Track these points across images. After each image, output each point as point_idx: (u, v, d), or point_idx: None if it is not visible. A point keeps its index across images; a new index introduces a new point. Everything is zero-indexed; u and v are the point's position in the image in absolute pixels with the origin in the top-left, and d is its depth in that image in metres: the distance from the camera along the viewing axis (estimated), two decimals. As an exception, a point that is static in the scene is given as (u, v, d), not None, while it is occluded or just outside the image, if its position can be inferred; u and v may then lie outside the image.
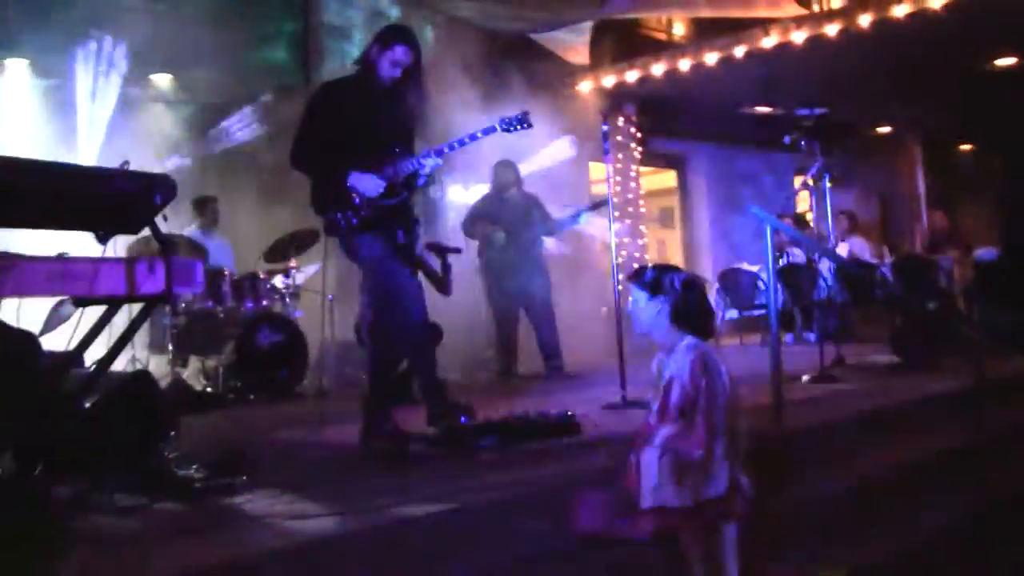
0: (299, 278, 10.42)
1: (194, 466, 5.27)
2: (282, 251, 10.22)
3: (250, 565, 3.75)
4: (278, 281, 10.23)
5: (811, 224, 12.39)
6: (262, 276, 10.09)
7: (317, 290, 10.73)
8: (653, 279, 4.69)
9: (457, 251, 9.57)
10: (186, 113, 11.95)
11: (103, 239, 5.22)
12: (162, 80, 11.89)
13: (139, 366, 9.05)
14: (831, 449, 6.22)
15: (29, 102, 10.81)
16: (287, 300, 10.29)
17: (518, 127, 6.39)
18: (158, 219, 5.14)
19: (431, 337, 6.37)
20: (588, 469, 5.16)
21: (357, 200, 6.11)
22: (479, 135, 6.33)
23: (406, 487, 4.92)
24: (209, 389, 9.66)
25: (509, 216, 10.22)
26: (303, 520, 4.32)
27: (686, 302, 4.63)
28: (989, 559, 5.27)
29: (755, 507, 4.48)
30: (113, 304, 5.24)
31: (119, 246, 5.98)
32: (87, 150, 10.69)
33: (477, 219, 10.41)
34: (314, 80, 12.44)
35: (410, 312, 6.11)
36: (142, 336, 9.38)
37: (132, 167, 5.05)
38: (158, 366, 9.39)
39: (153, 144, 11.20)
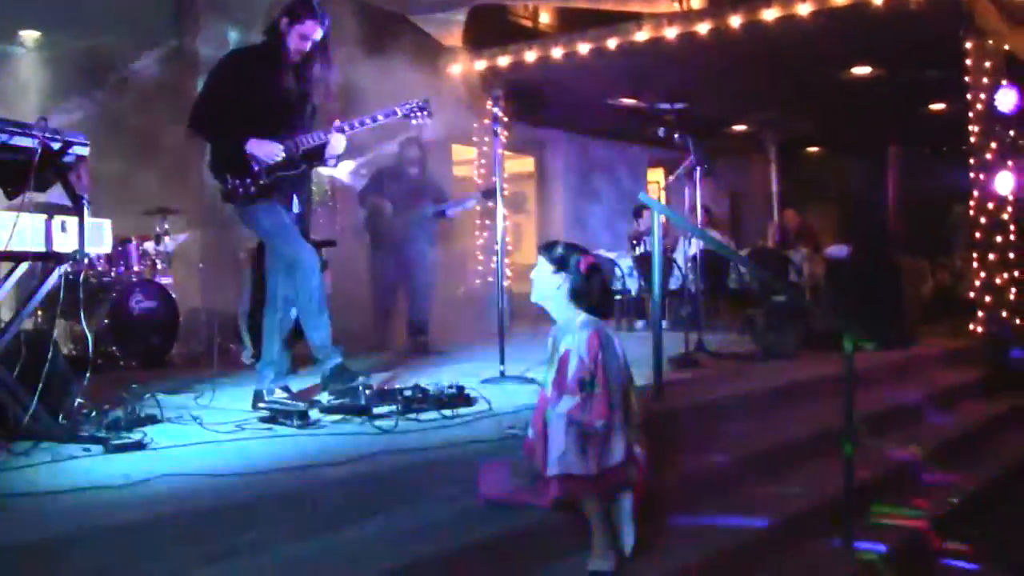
0: (170, 245, 10.33)
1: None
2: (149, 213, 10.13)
3: (162, 522, 3.85)
4: (149, 247, 10.14)
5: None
6: (134, 241, 9.98)
7: (189, 258, 10.75)
8: (560, 256, 4.90)
9: (332, 244, 9.67)
10: (55, 73, 11.72)
11: (13, 195, 5.22)
12: (30, 37, 11.63)
13: None
14: (706, 427, 6.52)
15: None
16: (158, 266, 10.20)
17: (418, 114, 6.54)
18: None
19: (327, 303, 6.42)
20: (485, 438, 5.31)
21: (256, 167, 6.17)
22: (380, 118, 6.45)
23: (307, 450, 5.03)
24: (75, 353, 9.52)
25: (402, 192, 10.28)
26: (214, 478, 4.41)
27: (588, 283, 4.84)
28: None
29: (648, 476, 4.71)
30: (22, 261, 5.24)
31: None
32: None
33: (371, 191, 10.46)
34: (186, 44, 12.33)
35: (307, 279, 6.20)
36: (8, 299, 9.23)
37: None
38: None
39: (16, 105, 10.94)
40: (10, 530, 3.62)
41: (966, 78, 11.65)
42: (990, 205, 11.50)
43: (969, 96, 11.64)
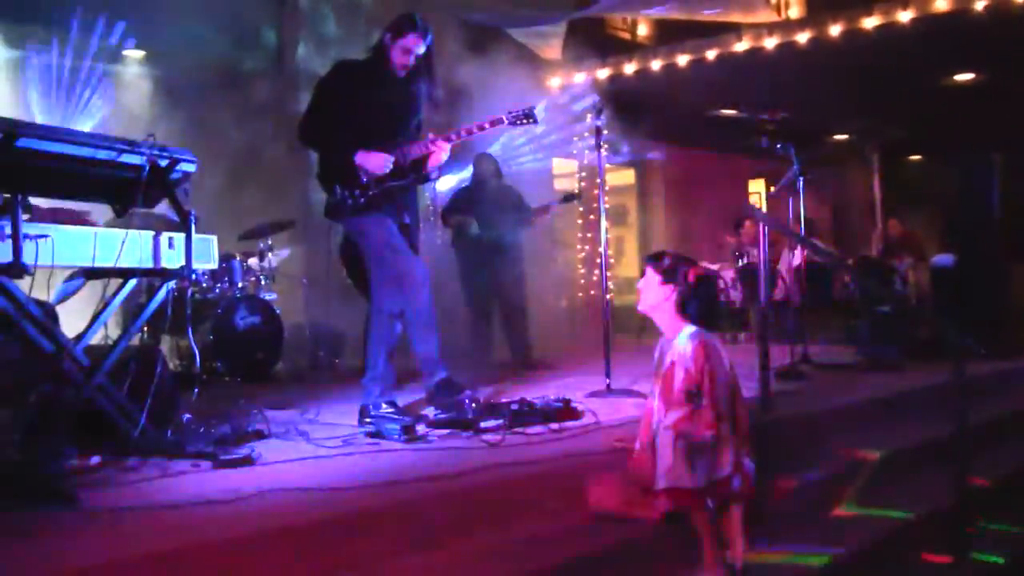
0: (273, 261, 10.41)
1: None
2: (258, 234, 10.21)
3: (277, 536, 3.85)
4: (253, 263, 10.22)
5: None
6: (238, 257, 10.07)
7: (291, 274, 10.81)
8: (669, 266, 4.86)
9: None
10: (160, 91, 11.89)
11: (121, 212, 5.28)
12: (135, 56, 11.81)
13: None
14: (814, 438, 6.42)
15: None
16: (262, 282, 10.28)
17: (524, 122, 6.51)
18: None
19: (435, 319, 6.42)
20: (593, 451, 5.27)
21: (364, 179, 6.18)
22: (486, 126, 6.44)
23: (415, 464, 5.02)
24: (182, 369, 9.64)
25: (485, 207, 10.24)
26: (322, 493, 4.42)
27: (695, 294, 4.79)
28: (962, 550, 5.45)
29: (756, 488, 4.65)
30: (131, 277, 5.29)
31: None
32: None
33: (453, 209, 10.45)
34: (288, 63, 12.45)
35: (416, 293, 6.20)
36: (116, 314, 9.36)
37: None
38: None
39: (123, 121, 11.09)
40: (122, 544, 3.64)
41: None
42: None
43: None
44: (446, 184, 11.58)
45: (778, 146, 9.30)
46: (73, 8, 10.39)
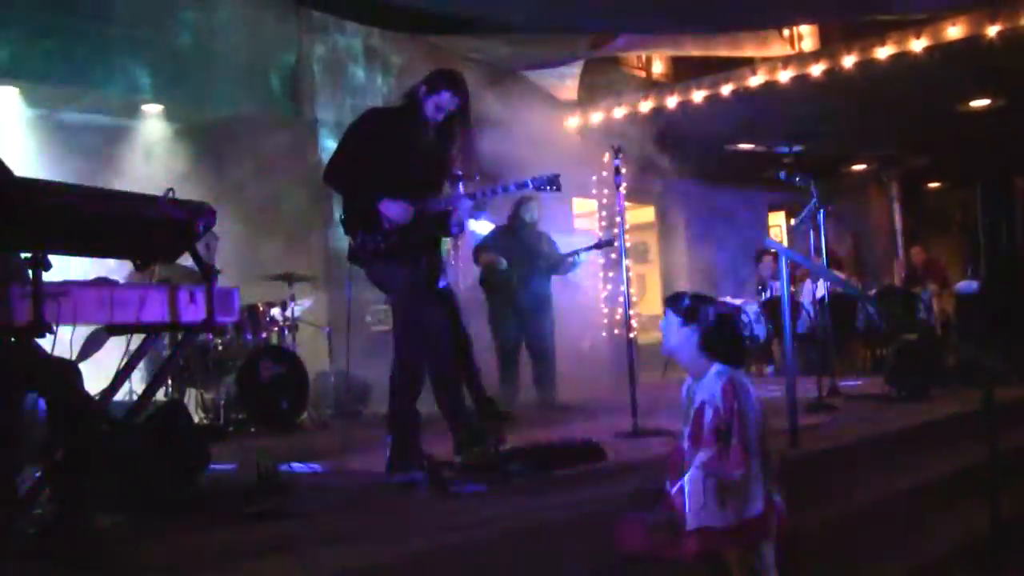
0: (296, 310, 10.42)
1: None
2: (276, 277, 10.25)
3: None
4: (276, 313, 10.23)
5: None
6: (261, 308, 10.09)
7: (314, 323, 10.81)
8: (688, 308, 4.82)
9: None
10: (177, 144, 11.96)
11: (141, 266, 5.29)
12: (153, 110, 11.89)
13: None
14: (845, 472, 6.37)
15: (19, 131, 10.77)
16: (285, 332, 10.29)
17: (547, 188, 6.52)
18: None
19: (457, 366, 6.40)
20: (621, 492, 5.24)
21: (386, 225, 6.17)
22: (512, 188, 6.51)
23: (444, 513, 4.99)
24: (206, 421, 9.63)
25: (518, 249, 10.31)
26: (351, 546, 4.39)
27: (718, 332, 4.75)
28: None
29: (788, 525, 4.61)
30: (153, 332, 5.29)
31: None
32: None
33: (487, 248, 10.49)
34: (306, 112, 12.49)
35: (435, 341, 6.18)
36: (139, 369, 9.36)
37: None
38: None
39: (142, 176, 11.14)
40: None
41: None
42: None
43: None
44: (485, 229, 11.57)
45: (797, 178, 9.29)
46: (93, 65, 10.48)
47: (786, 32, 15.45)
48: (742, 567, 4.44)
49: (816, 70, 12.58)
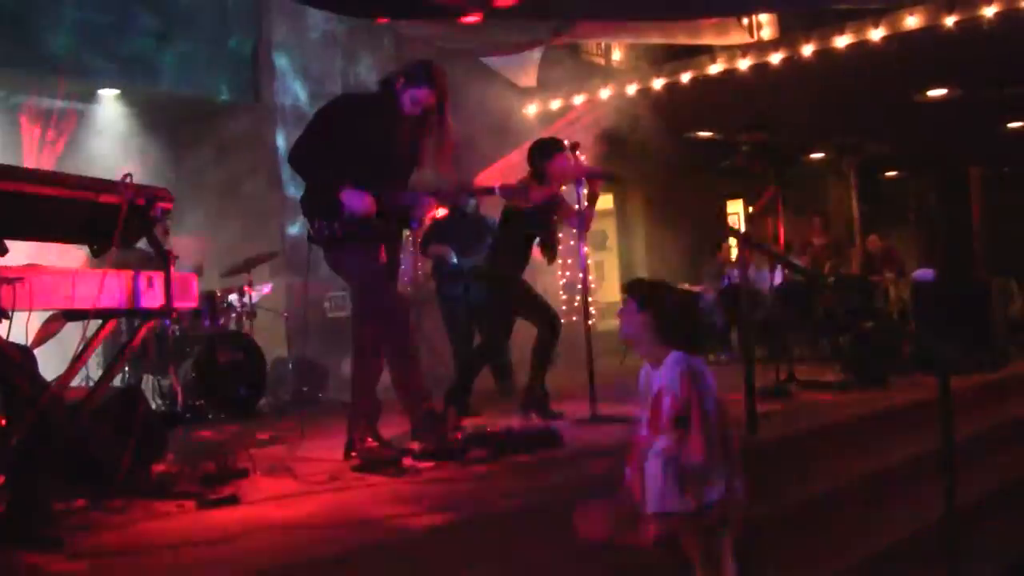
0: (254, 296, 10.36)
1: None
2: (241, 269, 10.17)
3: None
4: (234, 299, 10.17)
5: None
6: (218, 294, 10.03)
7: (271, 308, 10.76)
8: (645, 295, 4.81)
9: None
10: (135, 129, 11.85)
11: (98, 252, 5.24)
12: (110, 95, 11.79)
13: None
14: (803, 459, 6.41)
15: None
16: (243, 318, 10.24)
17: (515, 198, 6.54)
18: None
19: (415, 351, 6.38)
20: (580, 478, 5.25)
21: (346, 214, 6.11)
22: (476, 192, 6.59)
23: (403, 498, 4.98)
24: (164, 408, 9.58)
25: (463, 235, 10.19)
26: (309, 531, 4.38)
27: (675, 319, 4.75)
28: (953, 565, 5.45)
29: (747, 511, 4.63)
30: (110, 319, 5.25)
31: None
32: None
33: (431, 240, 10.41)
34: (265, 97, 12.39)
35: (398, 327, 6.17)
36: (96, 355, 9.29)
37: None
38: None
39: (99, 160, 11.03)
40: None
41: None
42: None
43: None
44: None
45: (755, 166, 9.34)
46: (46, 49, 10.35)
47: (745, 21, 15.46)
48: (701, 553, 4.46)
49: (775, 59, 12.64)
